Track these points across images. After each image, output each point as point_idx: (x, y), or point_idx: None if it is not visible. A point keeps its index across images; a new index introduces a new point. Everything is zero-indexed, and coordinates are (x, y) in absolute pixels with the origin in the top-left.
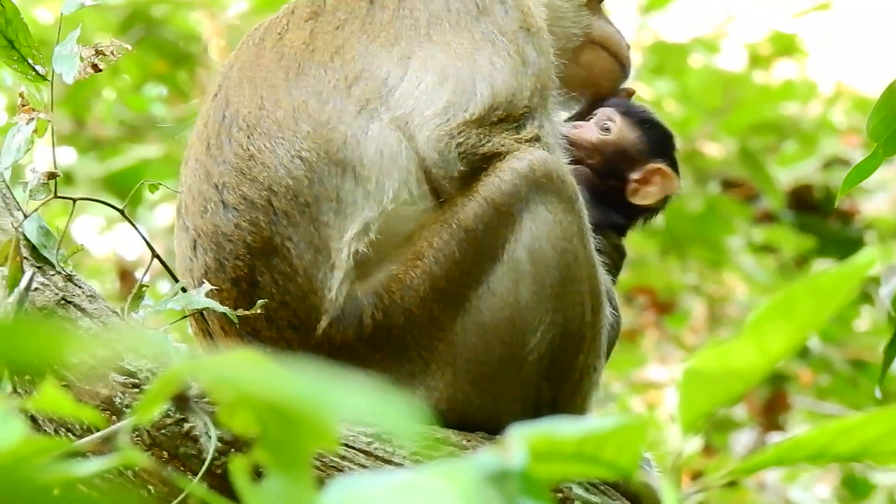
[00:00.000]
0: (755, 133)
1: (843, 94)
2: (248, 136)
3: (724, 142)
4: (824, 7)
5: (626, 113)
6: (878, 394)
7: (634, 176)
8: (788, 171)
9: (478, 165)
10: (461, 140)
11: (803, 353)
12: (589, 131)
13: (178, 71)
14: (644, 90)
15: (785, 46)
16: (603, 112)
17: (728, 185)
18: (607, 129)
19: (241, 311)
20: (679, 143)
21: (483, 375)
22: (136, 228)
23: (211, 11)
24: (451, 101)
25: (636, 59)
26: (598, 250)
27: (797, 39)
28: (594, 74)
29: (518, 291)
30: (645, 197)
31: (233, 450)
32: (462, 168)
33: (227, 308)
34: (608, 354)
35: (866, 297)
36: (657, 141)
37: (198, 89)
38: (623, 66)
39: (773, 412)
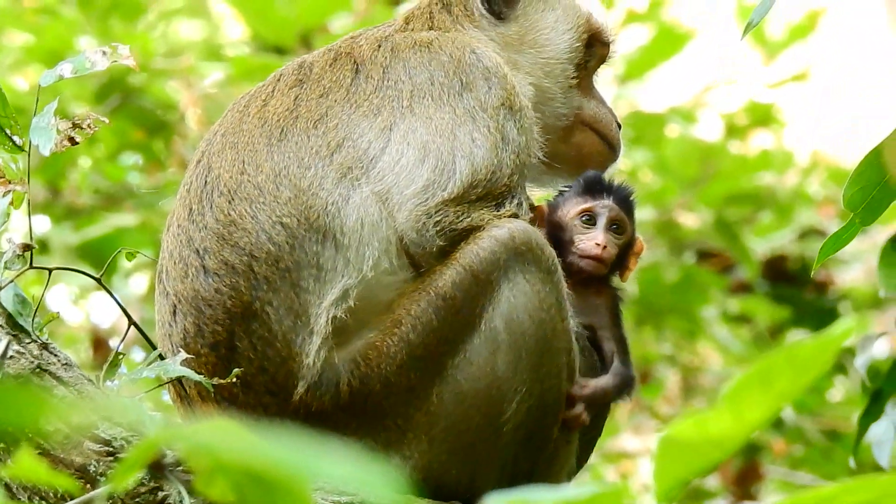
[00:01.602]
0: (731, 203)
1: (819, 163)
2: (230, 202)
3: (700, 212)
4: (801, 78)
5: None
6: (852, 464)
7: (630, 266)
8: (764, 242)
9: (457, 239)
10: (439, 218)
11: (777, 423)
12: (600, 237)
13: (155, 140)
14: (621, 160)
15: (762, 116)
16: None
17: (704, 255)
18: (617, 229)
19: (216, 380)
20: (654, 213)
21: (460, 444)
22: (112, 296)
23: (188, 80)
24: (430, 180)
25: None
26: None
27: (774, 109)
28: (582, 155)
29: (495, 361)
30: (629, 273)
31: None
32: (440, 243)
33: (202, 377)
34: (609, 407)
35: (840, 367)
36: (628, 201)
37: (174, 158)
38: (612, 148)
39: (746, 482)
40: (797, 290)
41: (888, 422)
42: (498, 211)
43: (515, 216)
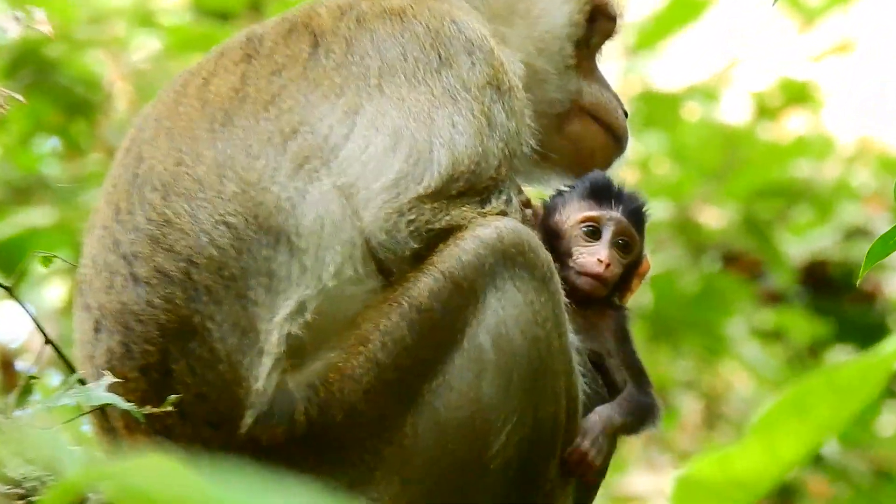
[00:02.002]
0: (761, 198)
1: (866, 151)
2: (164, 198)
3: (724, 208)
4: (844, 49)
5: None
6: None
7: (633, 288)
8: (800, 244)
9: (434, 242)
10: (412, 217)
11: (817, 459)
12: (603, 253)
13: (75, 122)
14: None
15: (797, 95)
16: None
17: (729, 259)
18: (623, 245)
19: (148, 409)
20: (670, 209)
21: (438, 485)
22: (24, 309)
23: (115, 52)
24: (403, 171)
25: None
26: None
27: (811, 87)
28: (581, 149)
29: (480, 385)
30: (632, 295)
31: None
32: (415, 246)
33: (131, 405)
34: (615, 441)
35: (890, 392)
36: (639, 214)
37: (98, 144)
38: (617, 140)
39: None
40: (840, 302)
41: None
42: (483, 208)
43: (504, 214)
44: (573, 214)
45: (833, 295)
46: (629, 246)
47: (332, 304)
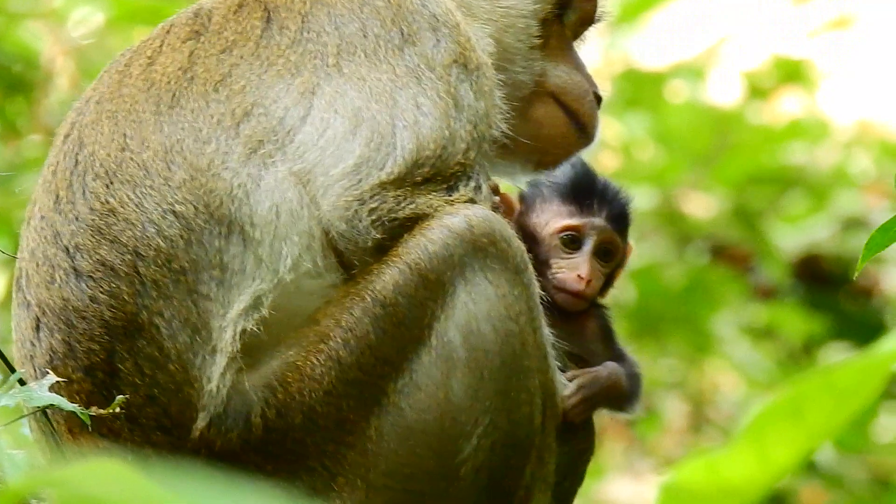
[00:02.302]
0: (752, 185)
1: (864, 135)
2: (108, 186)
3: (712, 196)
4: (843, 24)
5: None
6: None
7: (620, 272)
8: (794, 235)
9: (398, 231)
10: (374, 205)
11: (810, 466)
12: (584, 269)
13: (11, 102)
14: (613, 126)
15: (790, 75)
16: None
17: (717, 251)
18: (606, 254)
19: (95, 410)
20: (655, 197)
21: (404, 492)
22: None
23: (55, 26)
24: (364, 157)
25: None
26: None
27: (806, 66)
28: (542, 135)
29: (449, 385)
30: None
31: None
32: (377, 236)
33: (76, 406)
34: (593, 445)
35: (889, 394)
36: (625, 218)
37: (37, 125)
38: (581, 128)
39: None
40: (835, 297)
41: None
42: (450, 195)
43: (472, 202)
44: (552, 221)
45: (828, 289)
46: (612, 253)
47: (289, 299)
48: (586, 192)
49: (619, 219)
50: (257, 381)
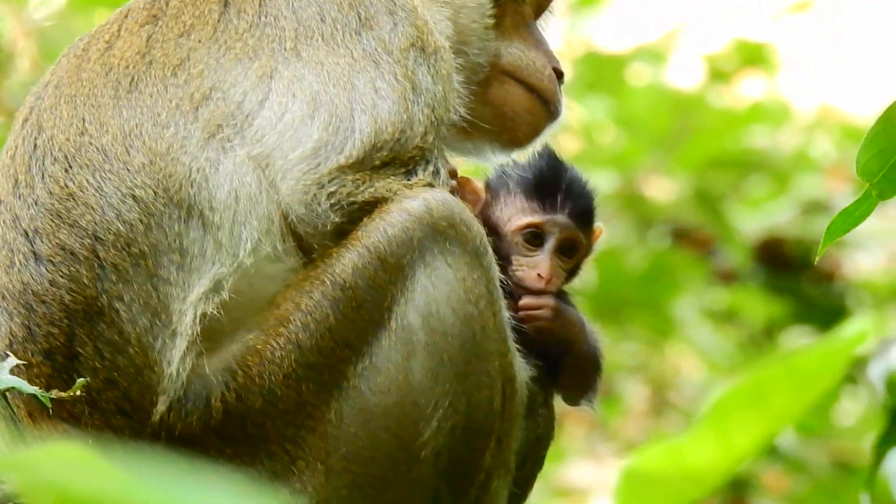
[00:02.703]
0: (713, 169)
1: (826, 119)
2: (66, 170)
3: (674, 179)
4: (802, 8)
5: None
6: (865, 502)
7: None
8: (755, 218)
9: (357, 215)
10: (333, 189)
11: (772, 451)
12: (544, 267)
13: None
14: (574, 109)
15: (752, 58)
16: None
17: (679, 235)
18: (568, 251)
19: (55, 393)
20: (616, 181)
21: (365, 475)
22: None
23: (14, 7)
24: (322, 140)
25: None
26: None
27: (768, 49)
28: (506, 114)
29: (409, 368)
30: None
31: None
32: (336, 220)
33: (37, 388)
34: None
35: (851, 378)
36: (589, 213)
37: None
38: (545, 102)
39: None
40: (797, 281)
41: None
42: (408, 180)
43: (431, 186)
44: (514, 217)
45: (790, 273)
46: (575, 249)
47: (249, 283)
48: (550, 187)
49: (584, 215)
50: (217, 364)
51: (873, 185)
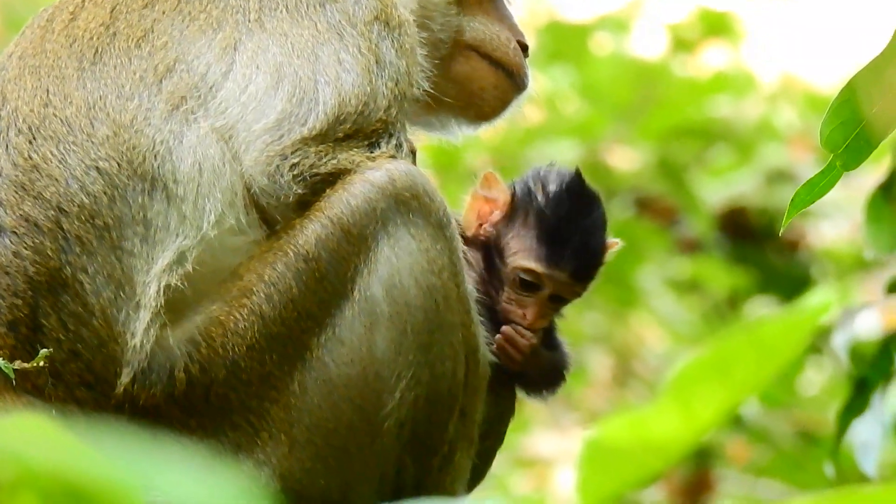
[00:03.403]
0: (677, 138)
1: (790, 88)
2: (31, 142)
3: (637, 149)
4: None
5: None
6: (829, 472)
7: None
8: (719, 188)
9: (319, 187)
10: (296, 160)
11: (736, 421)
12: (530, 314)
13: None
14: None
15: (715, 27)
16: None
17: (642, 204)
18: (561, 300)
19: (18, 364)
20: (579, 150)
21: (328, 447)
22: None
23: None
24: (286, 112)
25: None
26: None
27: (731, 18)
28: (471, 89)
29: (373, 339)
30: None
31: None
32: (299, 191)
33: (0, 360)
34: (552, 391)
35: (815, 348)
36: (593, 270)
37: None
38: (511, 76)
39: (695, 494)
40: (761, 251)
41: (875, 419)
42: (371, 152)
43: (394, 159)
44: (520, 255)
45: (754, 243)
46: (567, 300)
47: (213, 255)
48: (562, 239)
49: (586, 273)
50: (181, 336)
51: (837, 156)
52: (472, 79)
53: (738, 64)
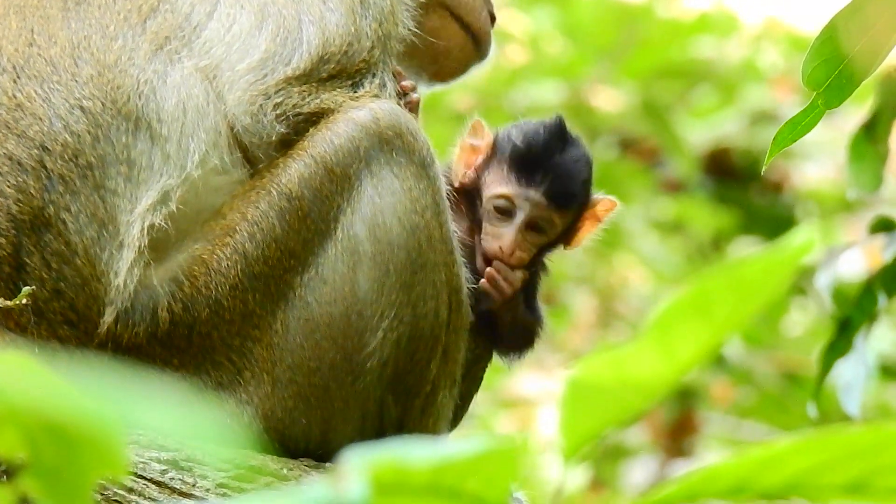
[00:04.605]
0: (660, 79)
1: (772, 30)
2: (14, 81)
3: (620, 89)
4: None
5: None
6: (812, 413)
7: (583, 232)
8: (702, 129)
9: (302, 127)
10: (279, 100)
11: (718, 361)
12: (507, 241)
13: None
14: (520, 20)
15: None
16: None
17: (626, 145)
18: (538, 228)
19: (1, 302)
20: (563, 91)
21: (310, 386)
22: None
23: None
24: (270, 52)
25: None
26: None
27: None
28: (437, 47)
29: (355, 278)
30: (581, 241)
31: None
32: (282, 130)
33: None
34: (520, 354)
35: (798, 289)
36: (572, 197)
37: None
38: (477, 44)
39: (678, 435)
40: (745, 191)
41: (858, 359)
42: (355, 92)
43: (377, 98)
44: (493, 184)
45: (737, 184)
46: (547, 227)
47: (197, 195)
48: (532, 161)
49: (562, 196)
50: (164, 274)
51: (819, 95)
52: (440, 37)
53: (720, 5)
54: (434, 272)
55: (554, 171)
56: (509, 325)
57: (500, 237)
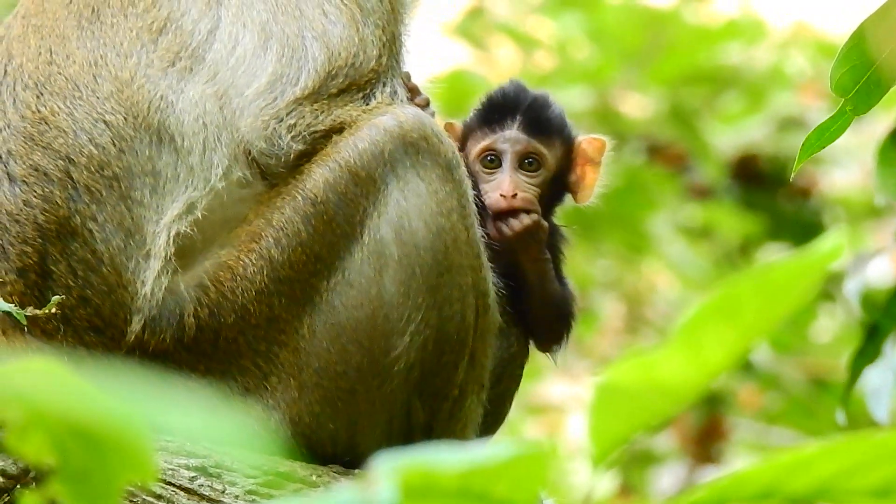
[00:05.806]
0: (688, 85)
1: (801, 35)
2: (38, 96)
3: (648, 95)
4: None
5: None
6: (841, 419)
7: (573, 178)
8: (730, 134)
9: (320, 143)
10: (293, 122)
11: (747, 367)
12: (506, 184)
13: None
14: (548, 26)
15: None
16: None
17: (653, 151)
18: (531, 165)
19: (30, 310)
20: (590, 97)
21: (337, 390)
22: None
23: None
24: (277, 73)
25: None
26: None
27: None
28: None
29: (381, 282)
30: (589, 190)
31: (21, 484)
32: (300, 148)
33: (11, 305)
34: (560, 339)
35: (827, 294)
36: (544, 123)
37: None
38: None
39: (706, 441)
40: (772, 197)
41: (886, 365)
42: (367, 104)
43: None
44: (473, 148)
45: (765, 190)
46: (537, 162)
47: (222, 205)
48: (498, 107)
49: (537, 125)
50: (190, 280)
51: (847, 101)
52: None
53: (748, 11)
54: (460, 275)
55: (522, 109)
56: (539, 298)
57: (498, 185)
